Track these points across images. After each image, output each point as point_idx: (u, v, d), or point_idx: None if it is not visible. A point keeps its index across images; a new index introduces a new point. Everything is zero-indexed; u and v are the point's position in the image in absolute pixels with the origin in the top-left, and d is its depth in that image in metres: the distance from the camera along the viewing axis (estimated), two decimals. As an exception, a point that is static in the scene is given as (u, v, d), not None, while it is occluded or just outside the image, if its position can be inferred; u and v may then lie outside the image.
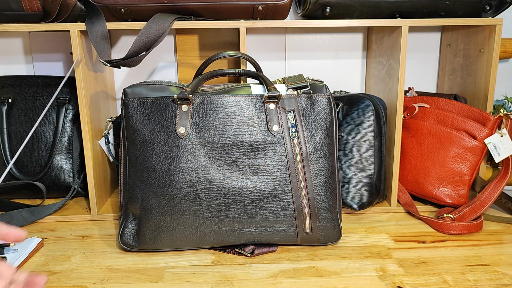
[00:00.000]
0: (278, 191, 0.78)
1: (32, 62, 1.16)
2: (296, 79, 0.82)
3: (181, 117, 0.77)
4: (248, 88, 0.81)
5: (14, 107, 1.03)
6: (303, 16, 1.01)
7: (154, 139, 0.78)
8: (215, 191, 0.77)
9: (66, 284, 0.71)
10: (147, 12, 0.90)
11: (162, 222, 0.78)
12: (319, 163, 0.79)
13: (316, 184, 0.79)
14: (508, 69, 1.24)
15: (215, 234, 0.79)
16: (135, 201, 0.79)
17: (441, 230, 0.89)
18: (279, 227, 0.79)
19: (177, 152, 0.77)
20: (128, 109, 0.79)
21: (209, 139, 0.77)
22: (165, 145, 0.77)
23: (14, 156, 1.01)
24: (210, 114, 0.78)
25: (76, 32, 0.88)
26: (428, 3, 0.94)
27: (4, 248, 0.79)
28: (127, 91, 0.80)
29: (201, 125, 0.77)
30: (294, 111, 0.80)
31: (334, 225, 0.81)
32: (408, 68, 1.22)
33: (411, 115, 1.03)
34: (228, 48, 1.15)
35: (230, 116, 0.78)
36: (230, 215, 0.78)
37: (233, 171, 0.77)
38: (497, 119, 0.94)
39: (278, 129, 0.78)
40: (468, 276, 0.72)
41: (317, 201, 0.79)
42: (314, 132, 0.79)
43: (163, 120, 0.78)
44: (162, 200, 0.77)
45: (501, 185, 0.93)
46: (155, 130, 0.78)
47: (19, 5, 0.86)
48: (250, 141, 0.78)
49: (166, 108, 0.78)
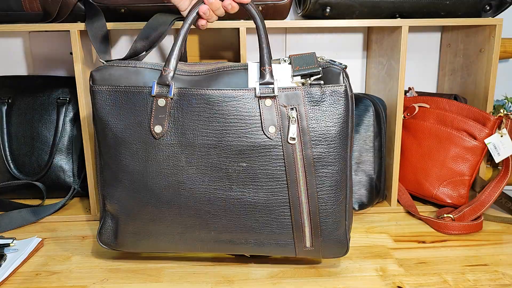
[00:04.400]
0: (273, 203, 0.67)
1: (32, 62, 1.15)
2: (306, 61, 0.65)
3: (157, 113, 0.66)
4: (242, 73, 0.66)
5: (14, 107, 1.03)
6: (303, 16, 1.01)
7: (127, 137, 0.67)
8: (198, 201, 0.67)
9: (66, 284, 0.71)
10: (147, 12, 0.90)
11: (140, 228, 0.70)
12: (325, 171, 0.66)
13: (321, 196, 0.67)
14: (508, 69, 1.24)
15: (200, 243, 0.71)
16: (111, 201, 0.70)
17: (441, 230, 0.89)
18: (274, 241, 0.70)
19: (153, 155, 0.66)
20: (96, 99, 0.67)
21: (190, 141, 0.66)
22: (140, 145, 0.66)
23: (14, 156, 1.01)
24: (191, 110, 0.65)
25: (76, 32, 0.88)
26: (428, 3, 0.94)
27: (4, 247, 0.79)
28: (95, 76, 0.67)
29: (181, 124, 0.65)
30: (298, 109, 0.65)
31: (339, 241, 0.69)
32: (408, 68, 1.21)
33: (411, 115, 1.03)
34: (228, 48, 1.15)
35: (216, 113, 0.65)
36: (217, 225, 0.69)
37: (219, 179, 0.66)
38: (497, 119, 0.94)
39: (275, 131, 0.65)
40: (468, 276, 0.72)
41: (321, 215, 0.67)
42: (322, 134, 0.65)
43: (137, 115, 0.66)
44: (139, 205, 0.69)
45: (501, 185, 0.93)
46: (127, 127, 0.66)
47: (19, 5, 0.86)
48: (240, 145, 0.65)
49: (140, 101, 0.66)
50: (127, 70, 0.67)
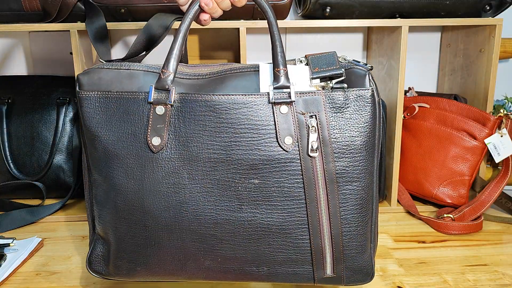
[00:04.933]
0: (289, 225, 0.59)
1: (32, 62, 1.15)
2: (326, 61, 0.58)
3: (155, 122, 0.57)
4: (252, 75, 0.59)
5: (14, 107, 1.03)
6: (303, 16, 1.01)
7: (120, 150, 0.58)
8: (203, 224, 0.59)
9: (66, 284, 0.71)
10: (147, 12, 0.90)
11: (136, 255, 0.61)
12: (350, 188, 0.58)
13: (344, 217, 0.58)
14: (508, 69, 1.24)
15: (205, 272, 0.62)
16: (103, 223, 0.61)
17: (441, 230, 0.89)
18: (290, 269, 0.61)
19: (150, 171, 0.58)
20: (84, 107, 0.58)
21: (194, 155, 0.58)
22: (134, 160, 0.58)
23: (13, 156, 1.01)
24: (195, 119, 0.57)
25: (76, 32, 0.88)
26: (428, 3, 0.94)
27: (4, 247, 0.79)
28: (82, 80, 0.59)
29: (183, 135, 0.57)
30: (318, 116, 0.57)
31: (364, 266, 0.61)
32: (408, 68, 1.21)
33: (411, 115, 1.03)
34: (228, 48, 1.15)
35: (224, 122, 0.57)
36: (224, 251, 0.60)
37: (227, 198, 0.58)
38: (497, 119, 0.94)
39: (292, 142, 0.57)
40: (468, 276, 0.72)
41: (344, 239, 0.59)
42: (346, 145, 0.58)
43: (131, 125, 0.58)
44: (134, 229, 0.60)
45: (501, 185, 0.93)
46: (120, 139, 0.58)
47: (19, 4, 0.86)
48: (251, 158, 0.57)
49: (135, 108, 0.58)
50: (119, 73, 0.58)
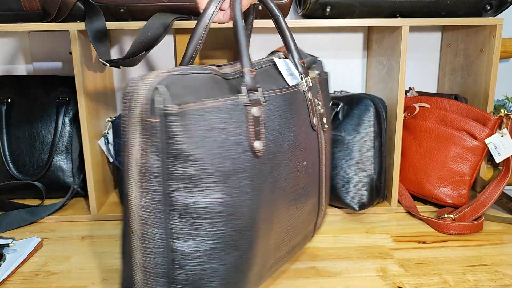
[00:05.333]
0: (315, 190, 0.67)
1: (31, 62, 1.15)
2: (303, 54, 0.66)
3: (254, 125, 0.54)
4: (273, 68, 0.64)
5: (14, 107, 1.03)
6: (303, 16, 1.01)
7: (227, 167, 0.50)
8: (280, 221, 0.60)
9: (65, 285, 0.71)
10: (146, 12, 0.90)
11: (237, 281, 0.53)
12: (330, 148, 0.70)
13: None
14: (508, 69, 1.24)
15: (268, 270, 0.63)
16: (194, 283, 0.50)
17: (442, 230, 0.89)
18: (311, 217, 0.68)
19: (258, 181, 0.54)
20: (175, 131, 0.46)
21: (279, 149, 0.58)
22: (245, 173, 0.52)
23: (13, 156, 1.01)
24: (279, 114, 0.58)
25: (76, 32, 0.88)
26: (428, 2, 0.94)
27: (3, 248, 0.79)
28: (164, 94, 0.45)
29: (272, 132, 0.57)
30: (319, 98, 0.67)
31: None
32: (408, 68, 1.21)
33: (411, 115, 1.03)
34: (228, 48, 1.15)
35: (293, 111, 0.61)
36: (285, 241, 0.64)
37: (302, 188, 0.63)
38: (498, 119, 0.93)
39: (316, 122, 0.65)
40: (468, 276, 0.72)
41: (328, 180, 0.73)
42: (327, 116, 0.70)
43: (234, 135, 0.51)
44: (243, 255, 0.53)
45: (501, 185, 0.92)
46: (226, 157, 0.50)
47: (18, 4, 0.86)
48: (304, 141, 0.63)
49: (233, 116, 0.51)
50: (195, 80, 0.50)
